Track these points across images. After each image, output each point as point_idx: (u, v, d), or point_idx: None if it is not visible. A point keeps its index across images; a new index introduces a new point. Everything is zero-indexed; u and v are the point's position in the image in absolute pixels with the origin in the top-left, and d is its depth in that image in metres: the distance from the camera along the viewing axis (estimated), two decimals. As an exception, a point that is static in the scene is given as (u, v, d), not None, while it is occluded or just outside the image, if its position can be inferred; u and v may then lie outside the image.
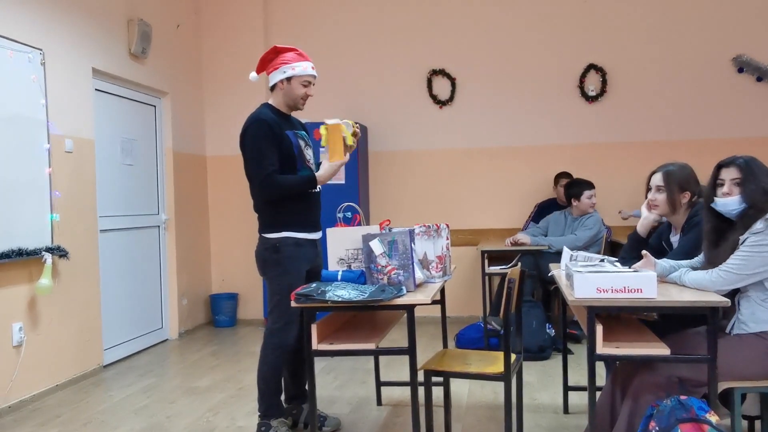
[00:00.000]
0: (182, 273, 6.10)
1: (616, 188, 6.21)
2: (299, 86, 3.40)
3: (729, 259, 2.60)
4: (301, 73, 3.38)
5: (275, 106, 3.45)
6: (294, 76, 3.37)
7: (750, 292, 2.62)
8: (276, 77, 3.40)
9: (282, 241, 3.35)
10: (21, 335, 4.09)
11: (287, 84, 3.39)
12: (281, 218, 3.36)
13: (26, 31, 4.20)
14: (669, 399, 2.47)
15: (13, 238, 3.98)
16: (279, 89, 3.41)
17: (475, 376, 3.00)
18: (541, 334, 4.90)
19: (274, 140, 3.29)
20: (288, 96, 3.41)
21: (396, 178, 6.60)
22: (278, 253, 3.35)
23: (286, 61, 3.37)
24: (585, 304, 2.58)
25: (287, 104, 3.45)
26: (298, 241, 3.38)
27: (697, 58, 6.19)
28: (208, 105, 6.70)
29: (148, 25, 5.49)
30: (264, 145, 3.27)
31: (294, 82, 3.38)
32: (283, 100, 3.44)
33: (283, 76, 3.38)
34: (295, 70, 3.36)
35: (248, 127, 3.33)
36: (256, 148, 3.28)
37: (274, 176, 3.28)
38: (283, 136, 3.33)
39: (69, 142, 4.57)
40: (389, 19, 6.56)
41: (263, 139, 3.28)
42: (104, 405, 4.12)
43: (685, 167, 3.07)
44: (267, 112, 3.38)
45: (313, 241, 3.46)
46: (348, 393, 4.24)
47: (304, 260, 3.40)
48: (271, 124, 3.31)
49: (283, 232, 3.36)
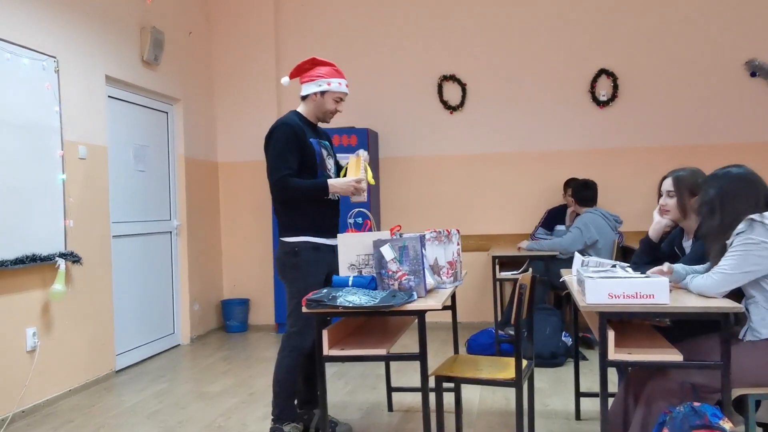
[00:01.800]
0: (194, 278, 6.13)
1: (628, 193, 6.18)
2: (331, 101, 3.49)
3: (721, 261, 2.60)
4: (336, 89, 3.47)
5: (304, 114, 3.53)
6: (328, 91, 3.46)
7: (756, 297, 2.60)
8: (310, 89, 3.47)
9: (301, 245, 3.40)
10: (35, 340, 4.12)
11: (320, 97, 3.47)
12: (300, 223, 3.41)
13: (41, 40, 4.25)
14: (682, 406, 2.45)
15: (27, 244, 4.02)
16: (311, 100, 3.49)
17: (487, 382, 2.99)
18: (554, 340, 4.86)
19: (297, 145, 3.37)
20: (319, 108, 3.50)
21: (407, 183, 6.60)
22: (297, 257, 3.39)
23: (323, 76, 3.46)
24: (597, 309, 2.57)
25: (316, 115, 3.54)
26: (317, 245, 3.42)
27: (708, 63, 6.17)
28: (219, 111, 6.74)
29: (161, 32, 5.54)
30: (286, 148, 3.35)
31: (327, 96, 3.47)
32: (313, 111, 3.52)
33: (318, 89, 3.46)
34: (330, 86, 3.45)
35: (274, 130, 3.41)
36: (278, 150, 3.35)
37: (289, 178, 3.34)
38: (306, 143, 3.41)
39: (82, 149, 4.61)
40: (400, 25, 6.57)
41: (286, 142, 3.35)
42: (116, 410, 4.14)
43: (696, 172, 3.06)
44: (294, 119, 3.46)
45: (331, 247, 3.47)
46: (359, 398, 4.23)
47: (323, 265, 3.42)
48: (296, 130, 3.38)
49: (302, 237, 3.40)
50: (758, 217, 2.53)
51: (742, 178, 2.70)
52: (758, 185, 2.69)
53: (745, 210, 2.59)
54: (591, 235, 5.23)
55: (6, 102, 3.93)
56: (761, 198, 2.65)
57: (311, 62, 3.50)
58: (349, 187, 3.42)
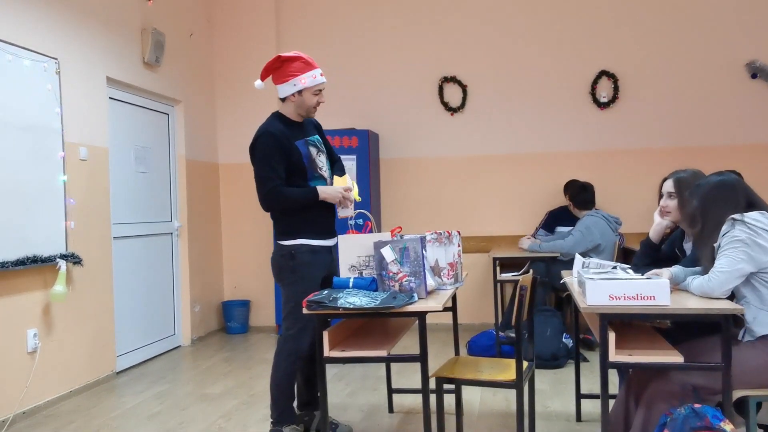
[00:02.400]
0: (195, 280, 6.13)
1: (628, 195, 6.17)
2: (311, 96, 3.40)
3: (716, 263, 2.63)
4: (312, 84, 3.37)
5: (286, 115, 3.45)
6: (305, 88, 3.37)
7: (748, 296, 2.62)
8: (287, 90, 3.39)
9: (297, 248, 3.37)
10: (35, 341, 4.12)
11: (299, 96, 3.39)
12: (296, 225, 3.38)
13: (42, 41, 4.25)
14: (683, 407, 2.45)
15: (28, 245, 4.02)
16: (290, 101, 3.42)
17: (487, 383, 3.00)
18: (555, 342, 4.86)
19: (283, 153, 3.31)
20: (300, 107, 3.42)
21: (407, 185, 6.60)
22: (293, 260, 3.37)
23: (294, 73, 3.35)
24: (597, 311, 2.57)
25: (298, 113, 3.46)
26: (314, 248, 3.39)
27: (709, 64, 6.17)
28: (220, 113, 6.74)
29: (162, 34, 5.55)
30: (271, 158, 3.29)
31: (305, 93, 3.38)
32: (294, 111, 3.44)
33: (293, 89, 3.37)
34: (305, 83, 3.36)
35: (256, 140, 3.35)
36: (264, 162, 3.30)
37: (278, 189, 3.30)
38: (292, 148, 3.34)
39: (83, 150, 4.61)
40: (401, 26, 6.58)
41: (271, 151, 3.29)
42: (117, 411, 4.14)
43: (697, 174, 3.07)
44: (276, 124, 3.39)
45: (328, 248, 3.47)
46: (360, 400, 4.23)
47: (320, 267, 3.41)
48: (279, 137, 3.32)
49: (298, 239, 3.37)
50: (738, 216, 2.61)
51: (721, 184, 2.77)
52: (737, 189, 2.75)
53: (727, 214, 2.66)
54: (593, 238, 5.23)
55: (7, 103, 3.93)
56: (741, 200, 2.71)
57: (278, 60, 3.39)
58: (338, 194, 3.39)
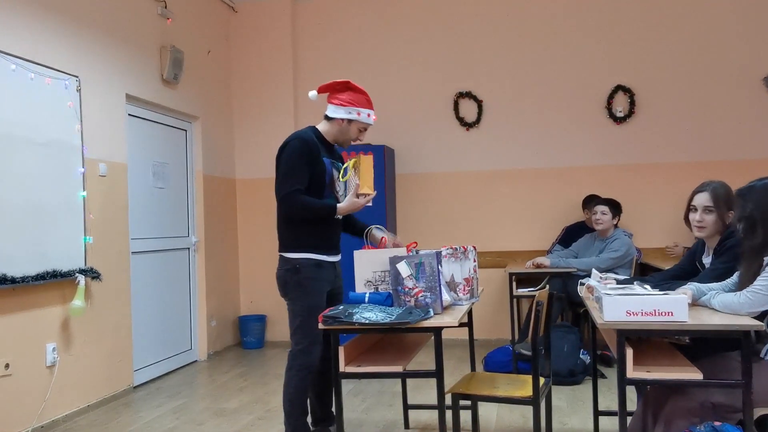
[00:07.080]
0: (211, 295, 6.16)
1: (646, 210, 6.13)
2: (356, 130, 3.48)
3: (756, 281, 2.53)
4: (364, 120, 3.46)
5: (322, 132, 3.50)
6: (356, 120, 3.44)
7: None
8: (339, 113, 3.43)
9: (302, 262, 3.37)
10: (54, 356, 4.16)
11: (346, 124, 3.45)
12: (302, 239, 3.38)
13: (63, 59, 4.33)
14: (702, 425, 2.42)
15: (48, 260, 4.07)
16: (337, 123, 3.46)
17: (504, 399, 2.97)
18: (572, 358, 4.82)
19: (310, 161, 3.34)
20: (342, 134, 3.48)
21: (423, 200, 6.61)
22: (299, 274, 3.37)
23: (354, 103, 3.42)
24: (614, 327, 2.54)
25: (336, 138, 3.51)
26: (319, 262, 3.40)
27: (726, 79, 6.13)
28: (237, 129, 6.80)
29: (180, 51, 5.62)
30: (298, 162, 3.32)
31: (353, 125, 3.46)
32: (334, 134, 3.50)
33: (347, 116, 3.43)
34: (360, 116, 3.44)
35: (288, 142, 3.39)
36: (290, 164, 3.33)
37: (298, 194, 3.31)
38: (319, 161, 3.38)
39: (103, 166, 4.67)
40: (416, 42, 6.61)
41: (299, 156, 3.32)
42: (134, 426, 4.16)
43: (724, 185, 2.98)
44: (311, 134, 3.43)
45: (332, 263, 3.48)
46: (375, 416, 4.22)
47: (325, 281, 3.42)
48: (311, 145, 3.36)
49: (304, 253, 3.38)
50: None
51: None
52: None
53: None
54: (632, 252, 5.31)
55: (29, 120, 4.00)
56: None
57: (345, 85, 3.45)
58: (356, 206, 3.40)
